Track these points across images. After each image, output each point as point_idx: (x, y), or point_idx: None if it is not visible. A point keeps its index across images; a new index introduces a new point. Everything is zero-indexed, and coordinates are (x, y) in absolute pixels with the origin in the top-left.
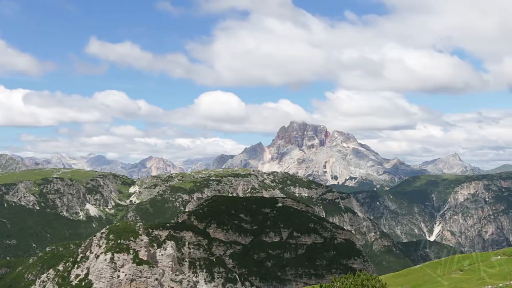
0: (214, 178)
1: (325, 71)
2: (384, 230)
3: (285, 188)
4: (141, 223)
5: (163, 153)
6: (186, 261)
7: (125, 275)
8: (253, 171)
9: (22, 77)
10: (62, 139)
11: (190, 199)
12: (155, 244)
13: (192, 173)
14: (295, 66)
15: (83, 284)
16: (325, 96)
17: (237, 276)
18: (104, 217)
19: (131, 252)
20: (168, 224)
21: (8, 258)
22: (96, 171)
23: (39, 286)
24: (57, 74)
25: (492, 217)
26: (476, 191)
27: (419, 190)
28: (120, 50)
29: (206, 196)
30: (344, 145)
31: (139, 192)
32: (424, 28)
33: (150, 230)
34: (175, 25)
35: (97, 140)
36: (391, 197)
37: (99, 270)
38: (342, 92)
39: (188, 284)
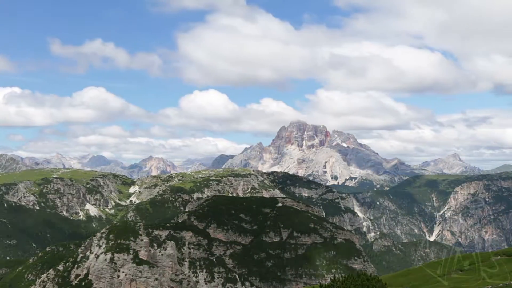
0: (214, 178)
1: (308, 70)
2: (384, 230)
3: (285, 188)
4: (141, 223)
5: (154, 152)
6: (186, 261)
7: (125, 275)
8: (253, 171)
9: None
10: (51, 139)
11: (190, 199)
12: (155, 244)
13: (192, 173)
14: (279, 65)
15: (83, 284)
16: (309, 96)
17: (237, 276)
18: (104, 217)
19: (131, 252)
20: (168, 224)
21: (8, 258)
22: (96, 171)
23: (39, 286)
24: (34, 74)
25: (492, 217)
26: (476, 191)
27: (419, 190)
28: (93, 48)
29: (206, 196)
30: (344, 145)
31: (139, 192)
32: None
33: (150, 230)
34: (147, 25)
35: (84, 140)
36: (391, 197)
37: (99, 270)
38: (326, 92)
39: (188, 284)
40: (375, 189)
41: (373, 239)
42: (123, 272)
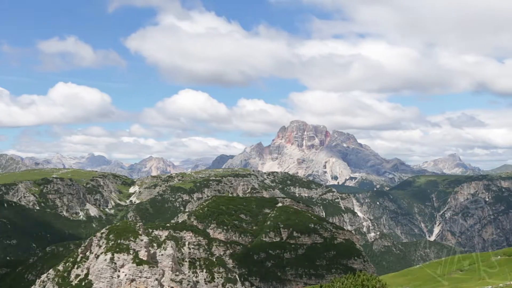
0: (214, 178)
1: (285, 70)
2: (384, 230)
3: (285, 188)
4: (141, 223)
5: (143, 153)
6: (186, 261)
7: (125, 275)
8: (253, 171)
9: None
10: (35, 139)
11: (190, 199)
12: (155, 244)
13: (192, 173)
14: (246, 64)
15: (83, 284)
16: (291, 96)
17: (237, 276)
18: (104, 217)
19: (131, 252)
20: (168, 224)
21: (8, 258)
22: (96, 171)
23: (39, 286)
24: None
25: (492, 217)
26: (476, 191)
27: (419, 190)
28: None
29: (206, 196)
30: (344, 145)
31: (139, 192)
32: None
33: (150, 230)
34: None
35: (70, 140)
36: (391, 197)
37: (99, 270)
38: (309, 92)
39: (188, 284)
40: (375, 189)
41: (373, 239)
42: (123, 272)
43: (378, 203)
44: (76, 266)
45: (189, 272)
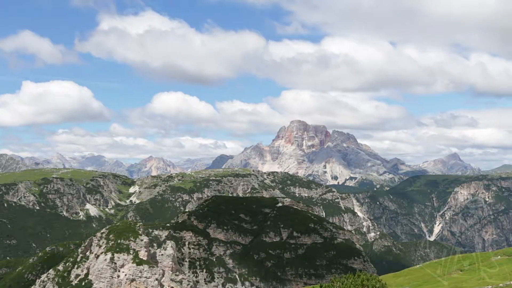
0: (214, 178)
1: (261, 70)
2: (384, 230)
3: (285, 188)
4: (141, 223)
5: (134, 152)
6: (186, 261)
7: (125, 275)
8: (253, 171)
9: None
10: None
11: (190, 199)
12: (155, 244)
13: (192, 173)
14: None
15: (83, 284)
16: (267, 96)
17: (237, 276)
18: (104, 217)
19: (131, 252)
20: (168, 224)
21: (8, 258)
22: (96, 171)
23: (39, 286)
24: None
25: (492, 217)
26: (476, 191)
27: (419, 190)
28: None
29: (206, 196)
30: (344, 145)
31: (139, 192)
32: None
33: (150, 230)
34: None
35: (58, 139)
36: (391, 197)
37: (99, 270)
38: (286, 92)
39: (188, 284)
40: (375, 189)
41: (373, 239)
42: (123, 272)
43: (378, 203)
44: (76, 266)
45: (189, 272)
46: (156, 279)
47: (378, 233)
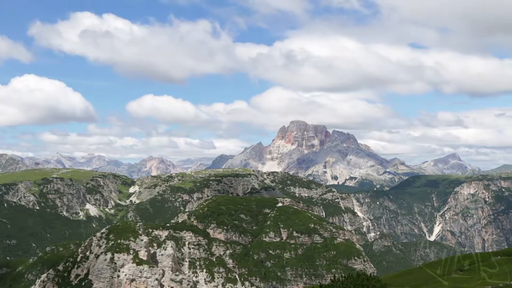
0: (214, 178)
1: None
2: (384, 230)
3: (285, 188)
4: (141, 223)
5: (125, 152)
6: (186, 261)
7: (125, 275)
8: (253, 171)
9: None
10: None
11: (190, 199)
12: (155, 244)
13: (192, 173)
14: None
15: (83, 284)
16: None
17: (237, 276)
18: (104, 217)
19: (131, 252)
20: (168, 224)
21: (8, 258)
22: (96, 171)
23: (39, 286)
24: None
25: (492, 217)
26: (476, 191)
27: (419, 190)
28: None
29: (206, 196)
30: (344, 145)
31: (139, 192)
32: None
33: (150, 230)
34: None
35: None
36: (391, 197)
37: (99, 270)
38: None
39: (188, 284)
40: (375, 189)
41: (373, 239)
42: (123, 272)
43: (378, 203)
44: (76, 266)
45: (189, 272)
46: (156, 279)
47: (378, 233)
